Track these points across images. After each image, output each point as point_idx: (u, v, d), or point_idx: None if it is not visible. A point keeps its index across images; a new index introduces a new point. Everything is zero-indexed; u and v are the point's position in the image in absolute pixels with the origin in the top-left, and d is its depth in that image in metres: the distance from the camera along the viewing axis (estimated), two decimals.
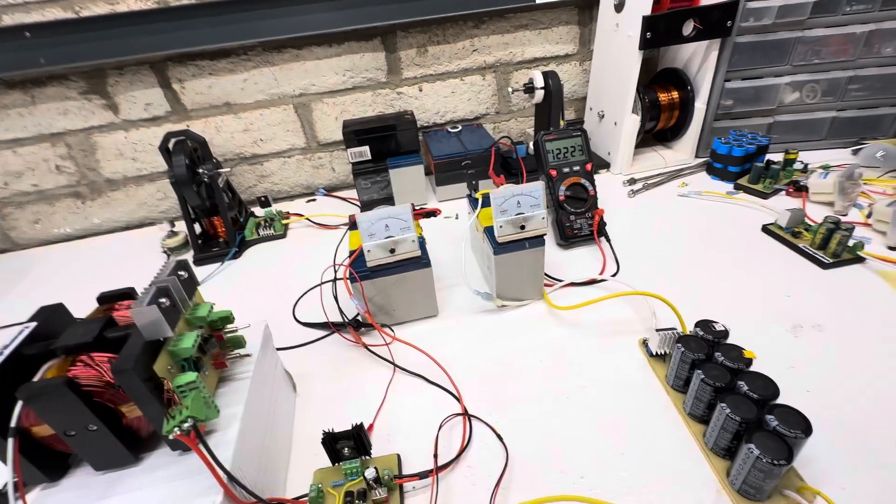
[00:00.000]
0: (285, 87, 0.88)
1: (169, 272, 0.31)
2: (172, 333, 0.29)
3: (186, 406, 0.28)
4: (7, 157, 0.84)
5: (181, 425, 0.27)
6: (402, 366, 0.52)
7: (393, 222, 0.52)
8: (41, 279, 0.80)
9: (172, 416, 0.28)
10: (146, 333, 0.28)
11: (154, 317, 0.28)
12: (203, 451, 0.28)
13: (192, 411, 0.28)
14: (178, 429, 0.27)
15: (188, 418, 0.27)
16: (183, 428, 0.27)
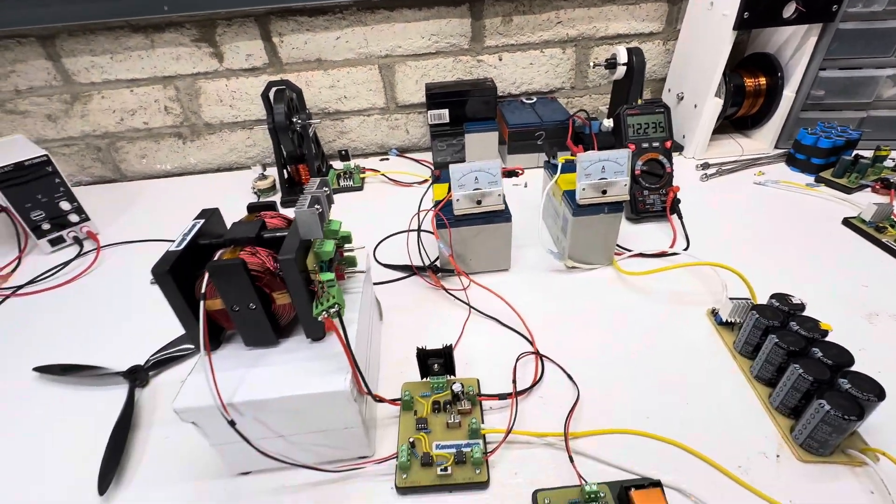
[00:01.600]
0: (373, 47, 0.92)
1: (317, 187, 0.36)
2: (321, 236, 0.35)
3: (333, 296, 0.33)
4: (125, 95, 0.93)
5: (329, 310, 0.33)
6: (478, 308, 0.57)
7: (483, 175, 0.56)
8: (146, 208, 0.90)
9: (321, 303, 0.33)
10: (303, 232, 0.34)
11: (312, 219, 0.33)
12: (341, 334, 0.33)
13: (337, 300, 0.33)
14: (326, 312, 0.33)
15: (335, 304, 0.33)
16: (330, 312, 0.33)
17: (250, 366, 0.36)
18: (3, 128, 0.94)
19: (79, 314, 0.62)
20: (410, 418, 0.43)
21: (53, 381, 0.52)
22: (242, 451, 0.38)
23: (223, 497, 0.39)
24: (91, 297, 0.65)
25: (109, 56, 0.89)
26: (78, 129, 0.96)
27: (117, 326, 0.60)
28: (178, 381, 0.50)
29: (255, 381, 0.35)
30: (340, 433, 0.38)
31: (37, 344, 0.57)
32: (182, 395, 0.34)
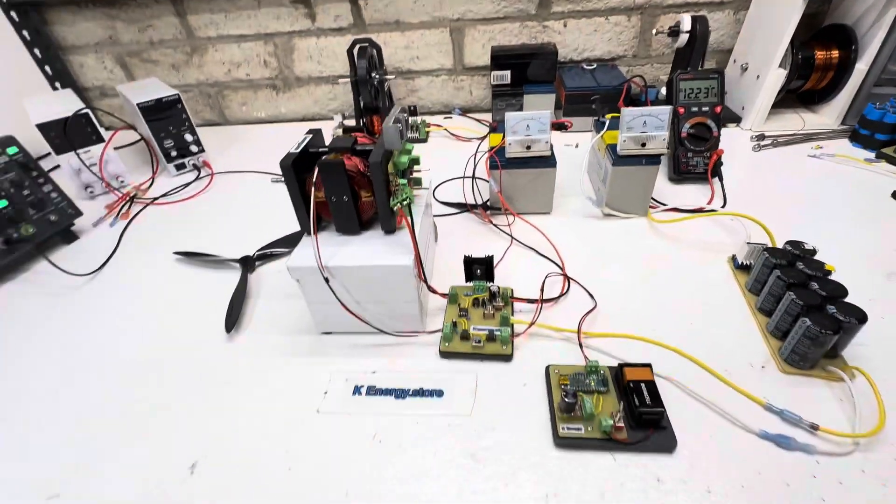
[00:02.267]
0: (447, 11, 1.00)
1: (399, 110, 0.47)
2: (401, 148, 0.45)
3: (406, 193, 0.44)
4: (233, 49, 1.09)
5: (402, 202, 0.44)
6: (519, 239, 0.66)
7: (534, 123, 0.64)
8: (244, 147, 1.06)
9: (396, 197, 0.44)
10: (387, 144, 0.44)
11: (395, 132, 0.44)
12: (409, 221, 0.44)
13: (409, 195, 0.44)
14: (399, 204, 0.44)
15: (407, 198, 0.44)
16: (403, 204, 0.44)
17: (339, 245, 0.48)
18: (139, 74, 1.14)
19: (201, 220, 0.79)
20: (454, 309, 0.53)
21: (187, 263, 0.68)
22: (328, 312, 0.50)
23: (311, 348, 0.52)
24: (209, 209, 0.82)
25: (224, 14, 1.04)
26: (194, 77, 1.14)
27: (229, 230, 0.75)
28: (276, 270, 0.64)
29: (343, 255, 0.47)
30: (401, 306, 0.49)
31: (173, 238, 0.74)
32: (293, 258, 0.47)
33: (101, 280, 0.67)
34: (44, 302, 0.63)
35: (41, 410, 0.48)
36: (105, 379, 0.51)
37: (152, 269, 0.68)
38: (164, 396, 0.48)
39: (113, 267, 0.69)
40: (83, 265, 0.68)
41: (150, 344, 0.55)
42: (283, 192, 0.83)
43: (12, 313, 0.62)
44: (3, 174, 0.66)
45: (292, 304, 0.58)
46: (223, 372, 0.50)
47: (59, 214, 0.71)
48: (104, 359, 0.54)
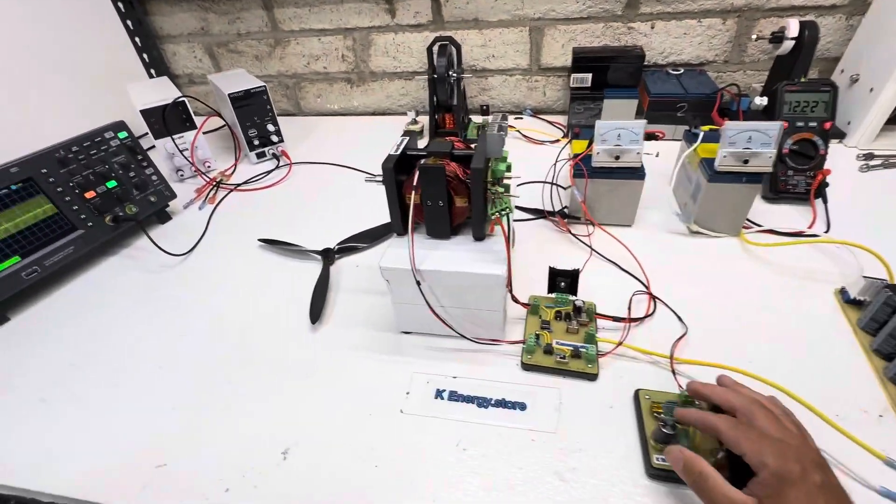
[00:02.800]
0: (528, 9, 0.98)
1: (501, 118, 0.46)
2: (501, 155, 0.45)
3: (505, 202, 0.43)
4: (313, 43, 1.12)
5: (500, 211, 0.43)
6: (600, 252, 0.64)
7: (625, 133, 0.61)
8: (319, 138, 1.09)
9: (495, 206, 0.44)
10: (490, 151, 0.44)
11: (499, 140, 0.43)
12: (504, 230, 0.44)
13: (508, 205, 0.43)
14: (498, 213, 0.43)
15: (506, 208, 0.43)
16: (502, 213, 0.43)
17: (430, 249, 0.48)
18: (224, 64, 1.20)
19: (281, 209, 0.82)
20: (536, 320, 0.53)
21: (270, 250, 0.71)
22: (412, 313, 0.51)
23: (391, 345, 0.53)
24: (288, 198, 0.85)
25: (308, 8, 1.07)
26: (276, 68, 1.18)
27: (308, 220, 0.78)
28: (354, 264, 0.66)
29: (435, 259, 0.47)
30: (485, 314, 0.49)
31: (256, 224, 0.77)
32: (385, 258, 0.47)
33: (193, 260, 0.71)
34: (142, 278, 0.68)
35: (140, 384, 0.52)
36: (198, 358, 0.55)
37: (238, 253, 0.71)
38: (256, 381, 0.51)
39: (203, 249, 0.73)
40: (177, 245, 0.72)
41: (240, 327, 0.58)
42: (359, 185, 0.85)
43: (113, 286, 0.67)
44: (114, 157, 0.71)
45: (372, 300, 0.59)
46: (309, 362, 0.52)
47: (158, 196, 0.77)
48: (197, 338, 0.57)
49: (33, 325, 0.62)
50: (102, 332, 0.59)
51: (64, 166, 0.65)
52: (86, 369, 0.54)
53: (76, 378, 0.53)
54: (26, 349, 0.58)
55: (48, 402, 0.51)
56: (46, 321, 0.62)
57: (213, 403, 0.49)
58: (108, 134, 0.71)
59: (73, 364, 0.55)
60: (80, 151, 0.67)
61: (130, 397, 0.51)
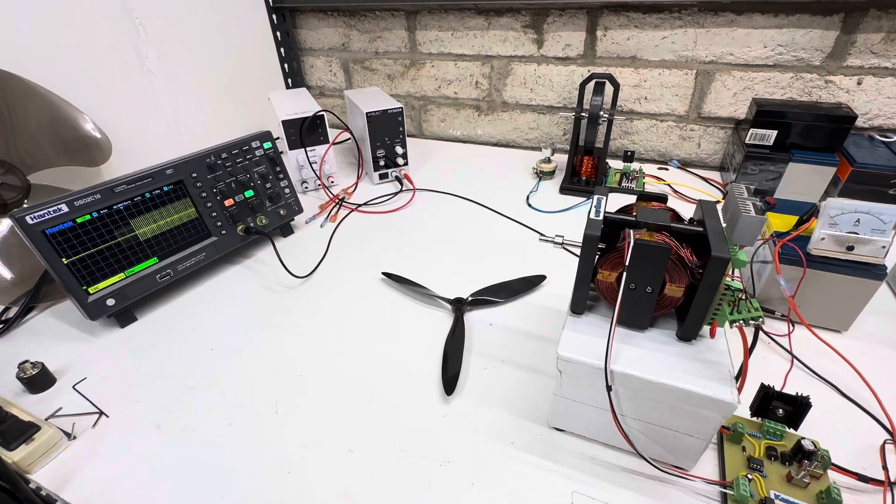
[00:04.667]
0: (700, 51, 0.86)
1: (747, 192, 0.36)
2: (753, 245, 0.34)
3: (756, 308, 0.32)
4: (449, 66, 1.08)
5: (748, 320, 0.32)
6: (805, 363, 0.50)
7: (868, 220, 0.47)
8: (440, 164, 1.04)
9: (740, 311, 0.33)
10: (739, 238, 0.33)
11: (756, 227, 0.33)
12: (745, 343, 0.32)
13: (759, 314, 0.32)
14: (743, 321, 0.32)
15: (760, 317, 0.32)
16: (750, 323, 0.32)
17: (620, 341, 0.38)
18: (356, 80, 1.21)
19: (403, 238, 0.76)
20: (737, 452, 0.40)
21: (394, 286, 0.65)
22: (577, 411, 0.41)
23: (541, 444, 0.43)
24: (410, 227, 0.79)
25: (451, 32, 1.04)
26: (405, 89, 1.16)
27: (432, 256, 0.71)
28: (487, 322, 0.57)
29: (631, 358, 0.37)
30: (681, 437, 0.38)
31: (378, 252, 0.72)
32: (565, 345, 0.38)
33: (313, 284, 0.67)
34: (263, 295, 0.65)
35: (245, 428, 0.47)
36: (313, 407, 0.48)
37: (360, 284, 0.66)
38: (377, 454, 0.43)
39: (323, 272, 0.69)
40: (297, 262, 0.69)
41: (361, 376, 0.51)
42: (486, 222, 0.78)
43: (233, 301, 0.64)
44: (256, 166, 0.70)
45: (512, 375, 0.50)
46: (439, 443, 0.44)
47: (287, 209, 0.74)
48: (313, 382, 0.51)
49: (157, 327, 0.60)
50: (219, 350, 0.56)
51: (212, 172, 0.64)
52: (201, 390, 0.50)
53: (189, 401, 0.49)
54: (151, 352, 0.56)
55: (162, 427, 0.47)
56: (169, 325, 0.60)
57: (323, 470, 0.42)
58: (255, 143, 0.69)
59: (190, 386, 0.51)
60: (228, 158, 0.66)
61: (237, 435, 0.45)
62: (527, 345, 0.55)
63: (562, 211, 0.82)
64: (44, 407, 0.49)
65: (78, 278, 0.53)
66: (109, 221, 0.56)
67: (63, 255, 0.52)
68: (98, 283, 0.55)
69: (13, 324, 0.60)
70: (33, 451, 0.42)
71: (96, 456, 0.44)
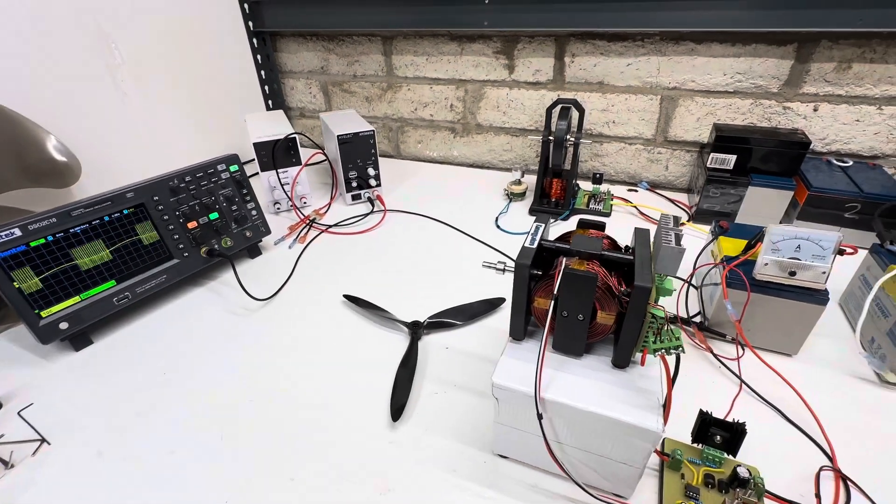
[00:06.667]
0: (663, 78, 0.89)
1: (673, 225, 0.37)
2: (675, 274, 0.35)
3: (678, 337, 0.33)
4: (424, 90, 1.11)
5: (671, 349, 0.33)
6: (753, 387, 0.50)
7: (808, 246, 0.49)
8: (415, 185, 1.05)
9: (662, 340, 0.33)
10: (659, 266, 0.34)
11: (676, 257, 0.33)
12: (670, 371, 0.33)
13: (679, 343, 0.33)
14: (665, 350, 0.33)
15: (680, 346, 0.32)
16: (671, 352, 0.33)
17: (555, 368, 0.39)
18: (336, 102, 1.23)
19: (370, 259, 0.77)
20: (676, 480, 0.40)
21: (354, 309, 0.65)
22: (516, 438, 0.41)
23: (484, 471, 0.43)
24: (378, 248, 0.80)
25: (426, 57, 1.06)
26: (382, 111, 1.18)
27: (397, 278, 0.71)
28: (444, 345, 0.58)
29: (564, 386, 0.37)
30: (616, 465, 0.38)
31: (343, 273, 0.73)
32: (500, 373, 0.38)
33: (275, 306, 0.67)
34: (223, 318, 0.65)
35: (194, 451, 0.46)
36: (261, 430, 0.48)
37: (321, 307, 0.66)
38: (320, 483, 0.43)
39: (287, 294, 0.69)
40: (262, 283, 0.69)
41: (312, 402, 0.51)
42: (454, 245, 0.78)
43: (193, 323, 0.64)
44: (222, 189, 0.70)
45: (462, 400, 0.50)
46: (383, 472, 0.43)
47: (253, 231, 0.75)
48: (263, 406, 0.51)
49: (112, 351, 0.60)
50: (172, 375, 0.55)
51: (174, 195, 0.65)
52: (148, 416, 0.50)
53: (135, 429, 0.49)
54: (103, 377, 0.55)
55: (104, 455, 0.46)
56: (124, 349, 0.60)
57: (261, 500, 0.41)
58: (221, 166, 0.70)
59: (138, 412, 0.51)
60: (192, 182, 0.67)
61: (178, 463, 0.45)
62: (481, 368, 0.55)
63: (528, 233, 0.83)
64: None
65: (30, 302, 0.53)
66: (66, 245, 0.56)
67: (14, 280, 0.52)
68: (52, 306, 0.55)
69: None
70: None
71: (33, 485, 0.43)
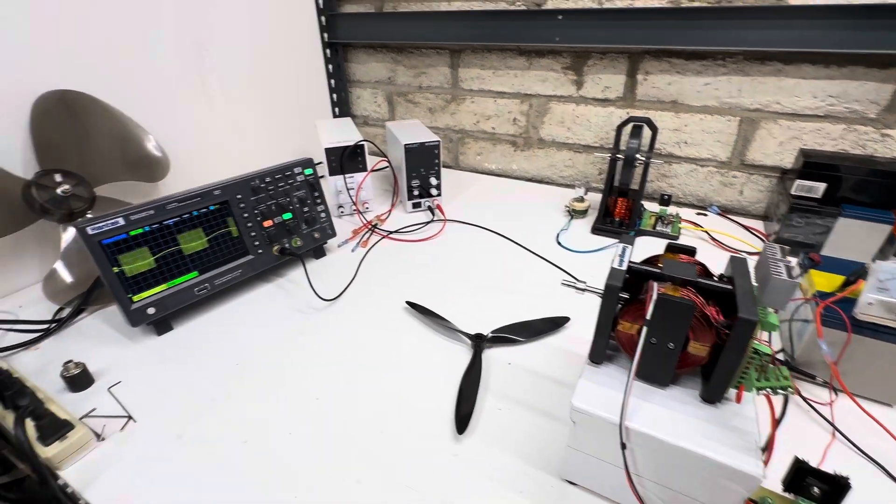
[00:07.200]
0: (745, 98, 0.85)
1: (780, 255, 0.34)
2: (784, 308, 0.32)
3: (786, 376, 0.31)
4: (488, 103, 1.11)
5: (776, 388, 0.30)
6: (849, 437, 0.46)
7: None
8: (473, 196, 1.06)
9: (767, 378, 0.31)
10: (770, 299, 0.32)
11: (788, 290, 0.31)
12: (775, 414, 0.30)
13: (787, 384, 0.30)
14: (770, 390, 0.31)
15: (788, 387, 0.30)
16: (778, 392, 0.30)
17: (639, 397, 0.37)
18: (399, 111, 1.26)
19: (431, 267, 0.77)
20: None
21: (416, 316, 0.66)
22: (590, 465, 0.39)
23: (549, 495, 0.42)
24: (439, 257, 0.80)
25: (492, 71, 1.07)
26: (444, 122, 1.20)
27: (458, 288, 0.71)
28: (507, 361, 0.57)
29: (650, 417, 0.35)
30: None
31: (405, 281, 0.74)
32: (580, 396, 0.37)
33: (339, 307, 0.68)
34: (290, 315, 0.67)
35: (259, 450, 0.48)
36: (324, 432, 0.49)
37: (384, 311, 0.67)
38: (382, 488, 0.43)
39: (350, 296, 0.71)
40: (326, 283, 0.71)
41: (375, 407, 0.52)
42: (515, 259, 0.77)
43: (262, 316, 0.67)
44: (296, 191, 0.73)
45: (527, 419, 0.49)
46: (447, 487, 0.43)
47: (321, 233, 0.77)
48: (327, 405, 0.52)
49: (189, 339, 0.63)
50: (244, 366, 0.58)
51: (255, 194, 0.68)
52: (222, 404, 0.52)
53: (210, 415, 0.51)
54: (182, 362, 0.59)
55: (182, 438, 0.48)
56: (200, 337, 0.63)
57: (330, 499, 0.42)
58: (297, 169, 0.73)
59: (213, 399, 0.53)
60: (271, 182, 0.70)
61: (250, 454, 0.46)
62: (545, 388, 0.53)
63: (592, 252, 0.81)
64: (80, 406, 0.52)
65: (125, 286, 0.57)
66: (159, 235, 0.60)
67: (114, 265, 0.56)
68: (142, 292, 0.59)
69: (65, 323, 0.64)
70: (65, 449, 0.44)
71: (120, 460, 0.46)
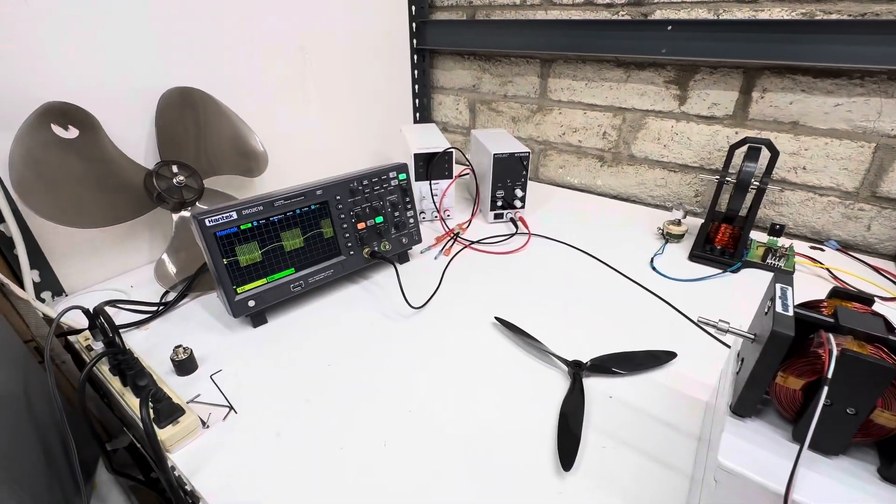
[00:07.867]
0: (884, 123, 0.75)
1: None
2: None
3: None
4: (577, 114, 1.07)
5: None
6: None
7: None
8: (556, 211, 1.02)
9: None
10: None
11: None
12: None
13: None
14: None
15: None
16: None
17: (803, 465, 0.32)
18: (480, 119, 1.25)
19: (517, 283, 0.75)
20: None
21: (505, 333, 0.63)
22: None
23: None
24: (524, 273, 0.78)
25: (585, 83, 1.03)
26: (527, 132, 1.17)
27: (547, 308, 0.68)
28: (607, 394, 0.53)
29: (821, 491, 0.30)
30: None
31: (491, 295, 0.71)
32: (728, 453, 0.33)
33: (425, 315, 0.67)
34: (377, 319, 0.67)
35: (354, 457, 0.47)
36: (415, 450, 0.47)
37: (470, 324, 0.65)
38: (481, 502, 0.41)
39: (435, 305, 0.69)
40: (409, 290, 0.69)
41: (465, 429, 0.50)
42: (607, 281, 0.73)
43: (351, 316, 0.67)
44: (389, 195, 0.73)
45: (634, 460, 0.45)
46: None
47: (408, 238, 0.77)
48: (415, 422, 0.51)
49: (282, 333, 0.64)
50: (335, 367, 0.58)
51: (352, 196, 0.69)
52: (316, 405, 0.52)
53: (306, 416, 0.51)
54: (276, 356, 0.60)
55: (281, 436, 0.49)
56: (293, 332, 0.64)
57: None
58: (392, 173, 0.74)
59: (307, 399, 0.53)
60: (368, 185, 0.71)
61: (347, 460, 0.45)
62: (651, 429, 0.49)
63: (691, 280, 0.74)
64: (184, 390, 0.53)
65: (232, 278, 0.59)
66: (265, 231, 0.62)
67: (225, 256, 0.58)
68: (245, 284, 0.61)
69: (171, 307, 0.68)
70: (176, 433, 0.46)
71: (223, 449, 0.47)
